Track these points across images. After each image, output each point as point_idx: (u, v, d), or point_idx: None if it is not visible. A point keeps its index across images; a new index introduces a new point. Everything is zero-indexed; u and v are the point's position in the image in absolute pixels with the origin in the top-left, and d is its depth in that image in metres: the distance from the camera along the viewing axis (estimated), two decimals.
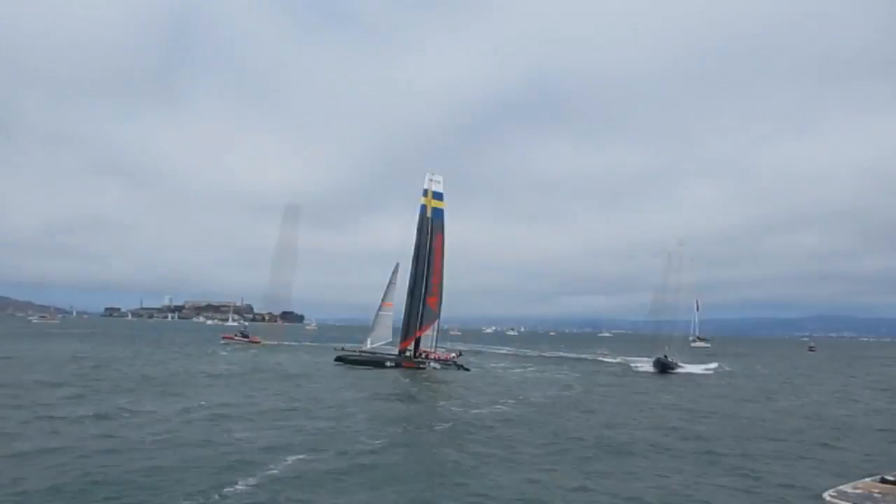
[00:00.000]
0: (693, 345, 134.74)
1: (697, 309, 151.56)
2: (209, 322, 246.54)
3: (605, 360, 68.64)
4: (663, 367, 49.09)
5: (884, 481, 7.73)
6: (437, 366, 43.71)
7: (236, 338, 73.53)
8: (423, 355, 44.57)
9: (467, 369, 45.10)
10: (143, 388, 26.17)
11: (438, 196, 46.15)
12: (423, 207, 45.66)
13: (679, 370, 49.95)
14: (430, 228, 45.44)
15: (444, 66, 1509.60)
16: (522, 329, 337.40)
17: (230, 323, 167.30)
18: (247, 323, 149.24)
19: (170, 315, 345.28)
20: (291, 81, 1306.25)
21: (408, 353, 44.74)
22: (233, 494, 11.33)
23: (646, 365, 52.29)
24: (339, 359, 44.79)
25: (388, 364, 42.85)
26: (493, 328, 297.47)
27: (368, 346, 45.67)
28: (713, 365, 58.16)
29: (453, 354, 46.26)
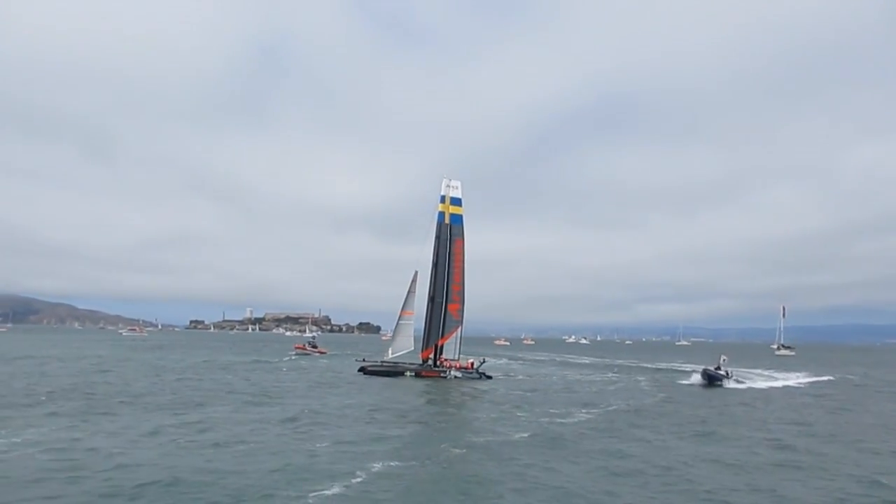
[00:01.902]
0: (777, 353, 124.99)
1: (783, 315, 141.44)
2: (288, 333, 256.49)
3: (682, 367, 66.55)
4: (710, 380, 44.77)
5: None
6: (458, 374, 42.55)
7: (307, 348, 78.45)
8: (442, 363, 43.50)
9: (489, 377, 43.66)
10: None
11: (456, 202, 44.90)
12: (441, 214, 44.47)
13: (732, 384, 45.02)
14: (450, 235, 44.34)
15: (518, 77, 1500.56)
16: (598, 338, 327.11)
17: (307, 334, 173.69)
18: (315, 334, 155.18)
19: (251, 327, 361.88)
20: (369, 99, 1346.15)
21: (428, 363, 43.87)
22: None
23: (695, 376, 47.97)
24: (361, 370, 44.66)
25: (407, 374, 42.25)
26: (573, 337, 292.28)
27: (390, 356, 45.06)
28: (797, 378, 52.49)
29: (472, 361, 44.87)
